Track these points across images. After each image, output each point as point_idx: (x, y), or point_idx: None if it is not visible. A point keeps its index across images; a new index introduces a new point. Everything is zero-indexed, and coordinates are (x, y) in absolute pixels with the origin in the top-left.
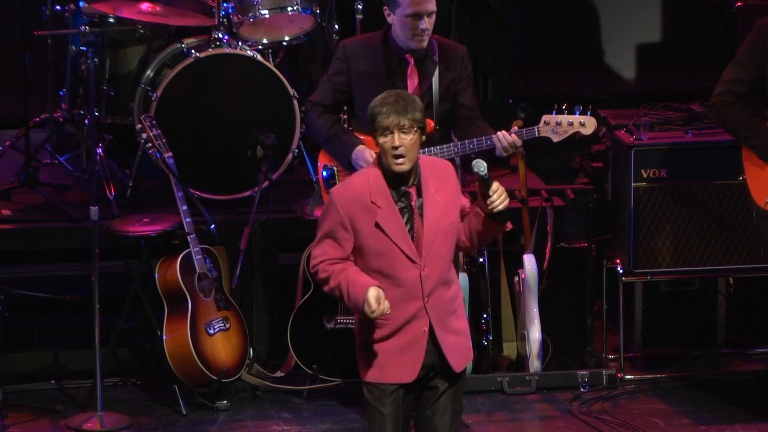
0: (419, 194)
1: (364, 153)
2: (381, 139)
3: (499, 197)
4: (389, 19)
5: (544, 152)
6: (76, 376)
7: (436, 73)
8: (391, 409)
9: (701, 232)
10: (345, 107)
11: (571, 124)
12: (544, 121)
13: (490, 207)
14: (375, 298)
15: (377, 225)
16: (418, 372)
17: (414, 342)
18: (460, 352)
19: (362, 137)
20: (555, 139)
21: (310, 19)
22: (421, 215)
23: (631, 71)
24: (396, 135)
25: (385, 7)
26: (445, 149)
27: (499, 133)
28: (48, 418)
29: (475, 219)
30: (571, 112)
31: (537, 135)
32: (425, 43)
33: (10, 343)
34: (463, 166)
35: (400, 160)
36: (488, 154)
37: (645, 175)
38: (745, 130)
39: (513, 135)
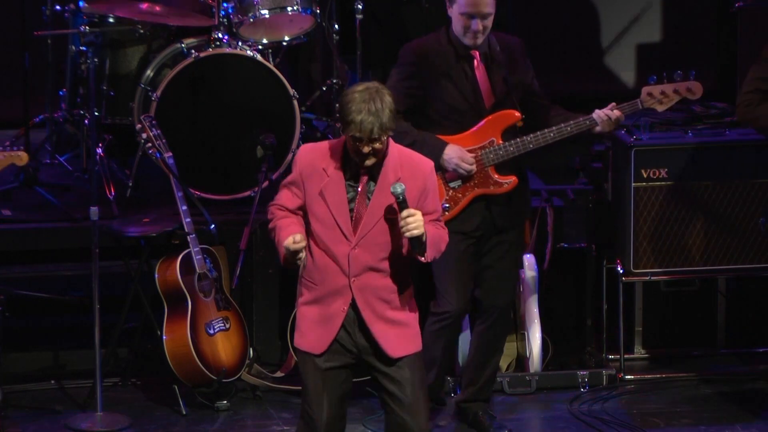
0: (374, 180)
1: (458, 151)
2: (353, 142)
3: (406, 224)
4: (449, 12)
5: (544, 152)
6: (76, 376)
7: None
8: (315, 377)
9: (701, 232)
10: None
11: (677, 91)
12: (647, 93)
13: (402, 231)
14: (300, 236)
15: (320, 193)
16: (326, 346)
17: (332, 316)
18: (392, 339)
19: (444, 138)
20: (660, 108)
21: (310, 19)
22: (368, 199)
23: (631, 71)
24: (364, 144)
25: (447, 1)
26: (540, 136)
27: (598, 111)
28: (48, 418)
29: (403, 241)
30: (671, 78)
31: (641, 107)
32: (478, 42)
33: (10, 343)
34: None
35: (369, 162)
36: (584, 134)
37: (645, 176)
38: None
39: (616, 111)
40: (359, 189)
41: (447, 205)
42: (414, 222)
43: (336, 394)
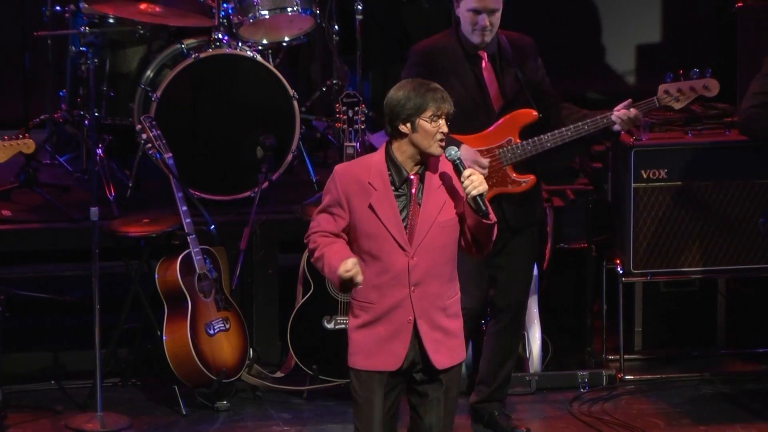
0: (421, 182)
1: (472, 153)
2: (430, 124)
3: (471, 182)
4: (456, 12)
5: (544, 152)
6: (76, 377)
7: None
8: (377, 398)
9: (701, 233)
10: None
11: (693, 89)
12: (664, 91)
13: (465, 193)
14: (353, 262)
15: (370, 207)
16: (402, 361)
17: (399, 330)
18: (444, 350)
19: (463, 137)
20: (677, 106)
21: (310, 19)
22: (419, 204)
23: (631, 72)
24: (443, 121)
25: (454, 0)
26: (557, 135)
27: (617, 110)
28: (48, 419)
29: (466, 213)
30: (687, 77)
31: (657, 105)
32: (487, 39)
33: (10, 344)
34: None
35: (443, 144)
36: (600, 132)
37: (645, 176)
38: None
39: (633, 109)
40: (412, 194)
41: None
42: (478, 179)
43: (394, 415)
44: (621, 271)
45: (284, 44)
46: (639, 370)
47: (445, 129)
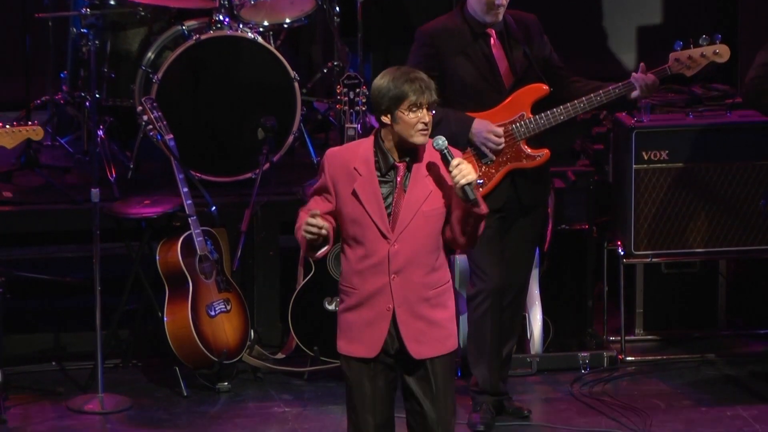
0: (408, 170)
1: (486, 125)
2: (408, 114)
3: (459, 171)
4: None
5: (544, 134)
6: (77, 358)
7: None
8: (366, 381)
9: (702, 214)
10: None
11: (704, 55)
12: (675, 59)
13: (454, 182)
14: (315, 214)
15: (354, 192)
16: (379, 349)
17: (378, 318)
18: (425, 341)
19: (475, 114)
20: (689, 73)
21: (311, 1)
22: (405, 192)
23: (632, 54)
24: (425, 111)
25: None
26: (570, 107)
27: (636, 75)
28: (49, 400)
29: (454, 203)
30: (697, 44)
31: (669, 73)
32: (500, 17)
33: (11, 325)
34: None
35: (425, 133)
36: (614, 102)
37: (646, 157)
38: None
39: (650, 74)
40: (398, 181)
41: (481, 181)
42: (467, 168)
43: (385, 400)
44: (622, 253)
45: (285, 26)
46: (640, 352)
47: (426, 119)
